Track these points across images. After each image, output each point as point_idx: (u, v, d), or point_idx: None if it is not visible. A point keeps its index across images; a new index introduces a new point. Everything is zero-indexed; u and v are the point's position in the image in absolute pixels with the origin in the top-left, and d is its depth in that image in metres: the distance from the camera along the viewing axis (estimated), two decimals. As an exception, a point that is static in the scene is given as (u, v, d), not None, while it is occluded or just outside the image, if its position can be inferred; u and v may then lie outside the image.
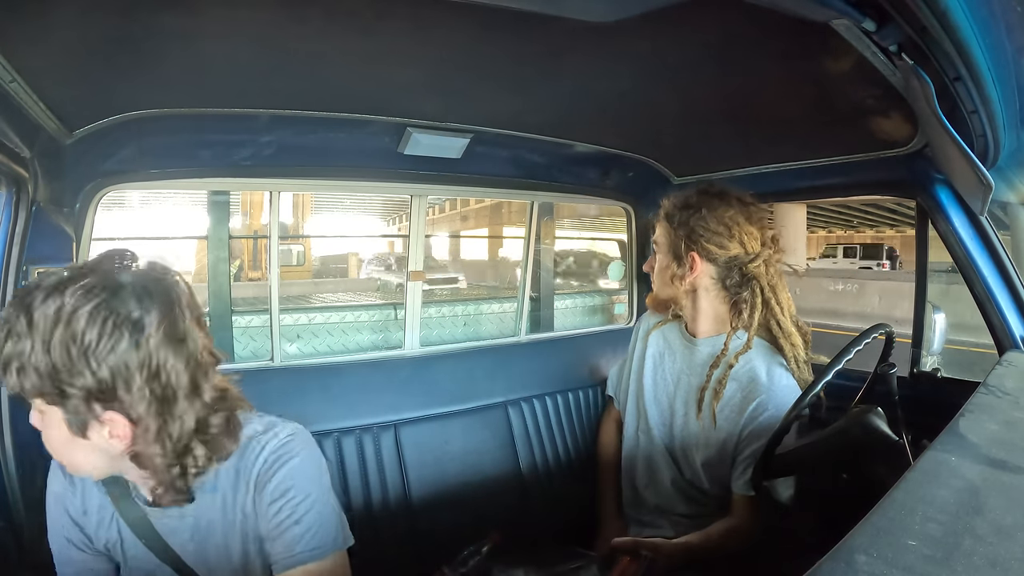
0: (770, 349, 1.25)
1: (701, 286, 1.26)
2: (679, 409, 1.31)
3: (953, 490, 0.56)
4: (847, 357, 1.04)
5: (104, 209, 1.22)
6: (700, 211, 1.23)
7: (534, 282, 2.82)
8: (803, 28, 0.68)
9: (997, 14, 0.63)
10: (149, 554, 0.80)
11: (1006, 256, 1.23)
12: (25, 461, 0.95)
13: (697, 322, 1.29)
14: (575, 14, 0.73)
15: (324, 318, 2.33)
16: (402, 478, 1.41)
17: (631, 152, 1.69)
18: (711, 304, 1.27)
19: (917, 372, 1.39)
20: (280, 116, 1.21)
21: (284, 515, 0.78)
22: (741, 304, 1.23)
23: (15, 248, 0.94)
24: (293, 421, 0.84)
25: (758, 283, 1.22)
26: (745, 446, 1.16)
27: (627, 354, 1.50)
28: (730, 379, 1.21)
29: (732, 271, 1.23)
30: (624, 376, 1.49)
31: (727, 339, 1.24)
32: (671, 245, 1.27)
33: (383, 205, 17.29)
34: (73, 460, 0.73)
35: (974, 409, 0.80)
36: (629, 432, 1.40)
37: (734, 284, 1.23)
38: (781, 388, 1.18)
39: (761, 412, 1.16)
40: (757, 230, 1.24)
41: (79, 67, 0.88)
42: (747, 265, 1.22)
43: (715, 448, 1.21)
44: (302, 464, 0.80)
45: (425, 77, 1.08)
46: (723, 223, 1.22)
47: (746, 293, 1.23)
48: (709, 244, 1.22)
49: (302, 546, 0.78)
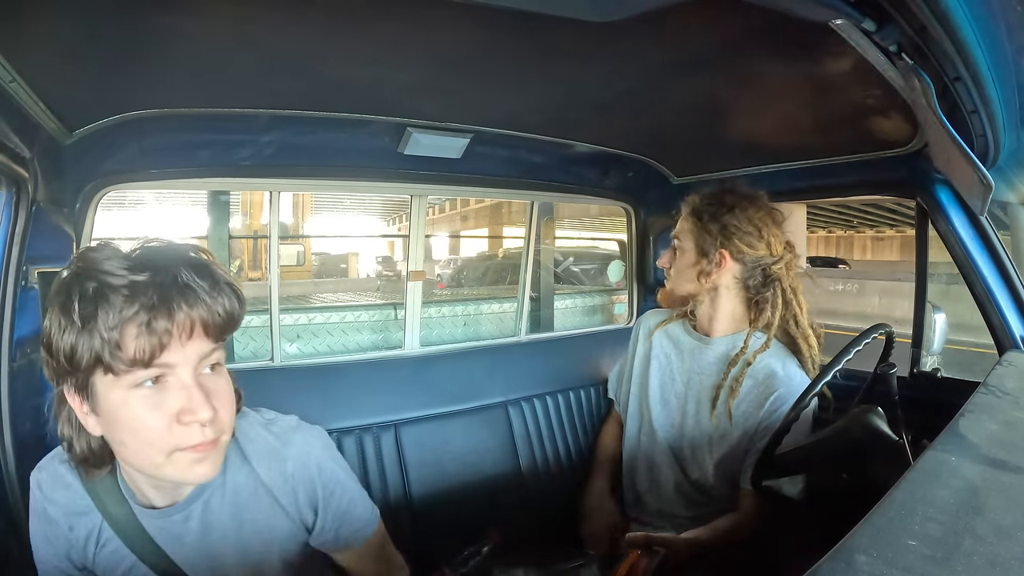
0: (784, 349, 1.27)
1: (723, 284, 1.27)
2: (690, 409, 1.31)
3: (953, 490, 0.56)
4: (847, 357, 1.04)
5: (104, 209, 1.22)
6: (734, 210, 1.24)
7: (534, 282, 2.82)
8: (803, 28, 0.68)
9: (997, 14, 0.63)
10: (137, 562, 0.75)
11: (1006, 256, 1.23)
12: (25, 461, 0.95)
13: (714, 320, 1.30)
14: (575, 14, 0.73)
15: (324, 318, 2.33)
16: (402, 478, 1.41)
17: (631, 152, 1.69)
18: (731, 303, 1.28)
19: (917, 372, 1.39)
20: (280, 116, 1.21)
21: (344, 501, 0.81)
22: (763, 304, 1.25)
23: (15, 248, 0.94)
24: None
25: (780, 284, 1.25)
26: (760, 439, 1.18)
27: (626, 356, 1.50)
28: (747, 376, 1.23)
29: (756, 271, 1.25)
30: (624, 378, 1.49)
31: (747, 338, 1.26)
32: (699, 241, 1.27)
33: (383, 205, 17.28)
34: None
35: (974, 409, 0.80)
36: (631, 434, 1.41)
37: (756, 284, 1.26)
38: (798, 383, 1.20)
39: (780, 405, 1.18)
40: (781, 233, 1.27)
41: (79, 67, 0.88)
42: (771, 266, 1.24)
43: (728, 445, 1.23)
44: (324, 446, 0.82)
45: (425, 77, 1.08)
46: (754, 224, 1.24)
47: (768, 293, 1.25)
48: (741, 243, 1.24)
49: (363, 523, 0.84)
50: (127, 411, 0.62)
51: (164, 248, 0.65)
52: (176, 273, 0.62)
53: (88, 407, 0.64)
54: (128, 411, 0.62)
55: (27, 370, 1.03)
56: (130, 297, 0.59)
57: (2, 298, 0.93)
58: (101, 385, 0.62)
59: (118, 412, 0.62)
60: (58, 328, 0.60)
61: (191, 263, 0.64)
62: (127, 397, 0.61)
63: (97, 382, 0.62)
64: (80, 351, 0.59)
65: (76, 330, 0.59)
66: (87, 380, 0.62)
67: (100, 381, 0.61)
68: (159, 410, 0.62)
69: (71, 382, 0.63)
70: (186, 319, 0.61)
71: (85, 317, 0.59)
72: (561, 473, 1.63)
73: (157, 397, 0.62)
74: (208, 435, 0.64)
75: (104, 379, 0.61)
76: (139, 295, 0.59)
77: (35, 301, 1.01)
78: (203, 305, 0.62)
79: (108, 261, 0.61)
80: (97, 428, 0.65)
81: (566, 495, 1.57)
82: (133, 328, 0.59)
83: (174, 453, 0.64)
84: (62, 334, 0.60)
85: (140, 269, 0.61)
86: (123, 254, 0.63)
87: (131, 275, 0.60)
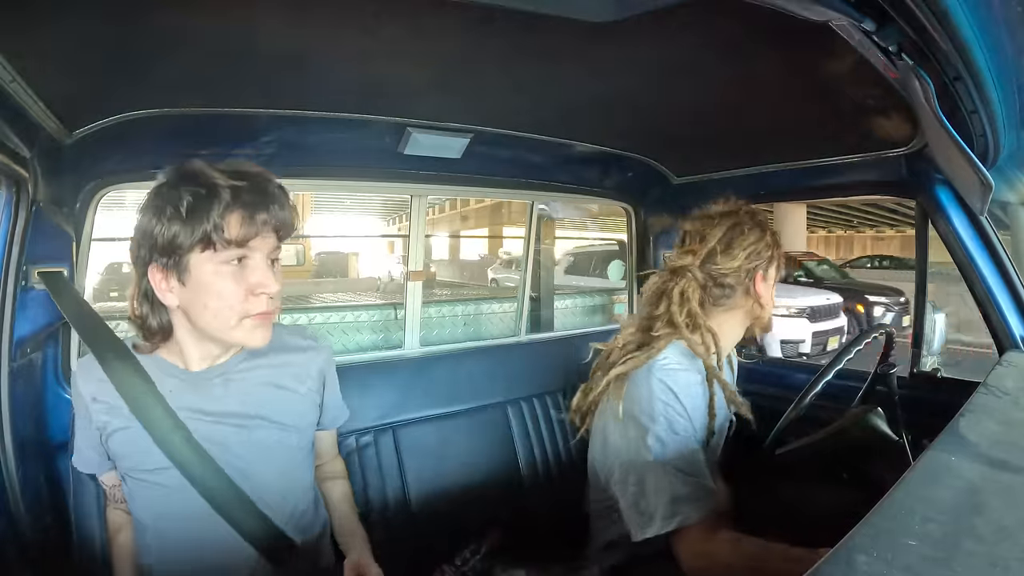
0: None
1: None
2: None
3: (953, 490, 0.56)
4: (847, 357, 1.04)
5: (104, 209, 1.22)
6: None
7: (534, 282, 2.82)
8: (803, 28, 0.68)
9: (997, 14, 0.63)
10: (158, 451, 0.87)
11: (1006, 256, 1.23)
12: (25, 461, 0.95)
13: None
14: (575, 14, 0.73)
15: (324, 318, 2.33)
16: (402, 478, 1.41)
17: (631, 152, 1.69)
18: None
19: (917, 372, 1.39)
20: (280, 116, 1.21)
21: (336, 386, 1.09)
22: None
23: (15, 248, 0.94)
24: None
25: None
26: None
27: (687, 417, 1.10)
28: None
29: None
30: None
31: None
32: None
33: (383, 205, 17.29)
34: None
35: (974, 409, 0.80)
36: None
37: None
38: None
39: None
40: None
41: (79, 67, 0.88)
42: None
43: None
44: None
45: (425, 77, 1.08)
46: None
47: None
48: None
49: (340, 408, 1.12)
50: (217, 281, 0.82)
51: (241, 165, 0.86)
52: (267, 184, 0.85)
53: (174, 282, 0.83)
54: (218, 281, 0.82)
55: (27, 370, 1.03)
56: (236, 195, 0.81)
57: (2, 298, 0.93)
58: (195, 261, 0.82)
59: (209, 282, 0.82)
60: (159, 221, 0.80)
61: (264, 177, 0.86)
62: (219, 270, 0.82)
63: (192, 260, 0.81)
64: (182, 236, 0.80)
65: (180, 220, 0.79)
66: (181, 259, 0.82)
67: (195, 258, 0.81)
68: (240, 283, 0.84)
69: (163, 263, 0.82)
70: (271, 218, 0.84)
71: (192, 209, 0.79)
72: (561, 473, 1.62)
73: (241, 273, 0.84)
74: (272, 305, 0.86)
75: (200, 256, 0.81)
76: (242, 194, 0.81)
77: (35, 301, 1.01)
78: (282, 209, 0.85)
79: (207, 170, 0.82)
80: (175, 300, 0.85)
81: (566, 495, 1.57)
82: (237, 217, 0.81)
83: (244, 319, 0.85)
84: (165, 224, 0.80)
85: (238, 177, 0.83)
86: (214, 168, 0.83)
87: (232, 180, 0.81)
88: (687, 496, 0.98)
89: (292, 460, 0.98)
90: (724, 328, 1.15)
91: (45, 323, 1.05)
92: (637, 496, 1.02)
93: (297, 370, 1.00)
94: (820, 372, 1.13)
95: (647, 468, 1.00)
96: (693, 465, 1.00)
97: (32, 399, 1.06)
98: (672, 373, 1.05)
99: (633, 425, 1.05)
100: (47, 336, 1.09)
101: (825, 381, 1.06)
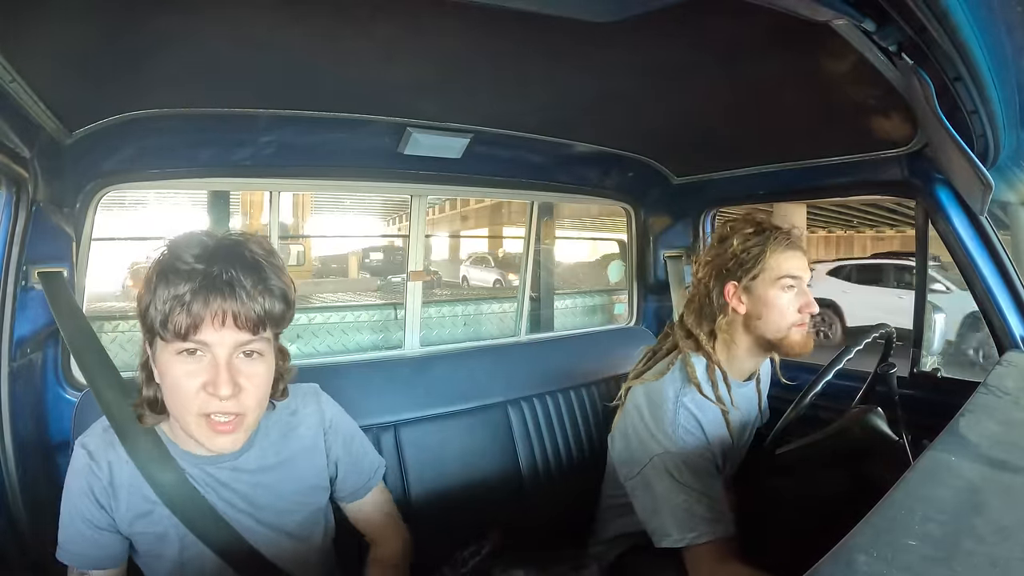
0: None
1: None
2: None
3: (953, 490, 0.56)
4: (847, 357, 1.04)
5: (104, 209, 1.22)
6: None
7: (534, 282, 2.82)
8: (803, 28, 0.68)
9: (997, 14, 0.63)
10: (179, 525, 0.82)
11: (1006, 256, 1.23)
12: (25, 461, 0.95)
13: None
14: (575, 14, 0.73)
15: (324, 318, 2.34)
16: (402, 478, 1.41)
17: (631, 152, 1.69)
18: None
19: (917, 372, 1.39)
20: (280, 116, 1.21)
21: (360, 449, 1.00)
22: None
23: (15, 248, 0.94)
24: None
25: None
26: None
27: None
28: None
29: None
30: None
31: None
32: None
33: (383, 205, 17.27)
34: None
35: (974, 409, 0.80)
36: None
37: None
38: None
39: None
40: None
41: (79, 67, 0.88)
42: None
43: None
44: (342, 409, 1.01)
45: (425, 77, 1.08)
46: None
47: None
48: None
49: (372, 471, 1.02)
50: (169, 372, 0.75)
51: (231, 244, 0.76)
52: (225, 268, 0.73)
53: (153, 366, 0.78)
54: (170, 372, 0.74)
55: (27, 370, 1.03)
56: (185, 282, 0.71)
57: (2, 298, 0.93)
58: (157, 346, 0.75)
59: (163, 371, 0.75)
60: (143, 293, 0.74)
61: (244, 261, 0.75)
62: (171, 360, 0.74)
63: (156, 343, 0.75)
64: (150, 315, 0.73)
65: (150, 298, 0.73)
66: (152, 339, 0.76)
67: (157, 343, 0.75)
68: (191, 377, 0.74)
69: (147, 338, 0.77)
70: (219, 309, 0.72)
71: (155, 289, 0.72)
72: (561, 473, 1.62)
73: (192, 366, 0.74)
74: (227, 408, 0.75)
75: (158, 342, 0.75)
76: (190, 281, 0.71)
77: (35, 301, 1.01)
78: (238, 300, 0.73)
79: (186, 248, 0.74)
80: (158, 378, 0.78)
81: (566, 495, 1.57)
82: (177, 306, 0.71)
83: (201, 418, 0.75)
84: (143, 298, 0.74)
85: (204, 259, 0.73)
86: (201, 243, 0.75)
87: (195, 263, 0.72)
88: (703, 516, 0.98)
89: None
90: (729, 348, 1.14)
91: (45, 323, 1.05)
92: (652, 509, 1.03)
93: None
94: (820, 372, 1.13)
95: (664, 481, 1.02)
96: (710, 488, 1.02)
97: (32, 399, 1.06)
98: (693, 393, 1.08)
99: (651, 437, 1.06)
100: (47, 336, 1.09)
101: (825, 381, 1.06)
